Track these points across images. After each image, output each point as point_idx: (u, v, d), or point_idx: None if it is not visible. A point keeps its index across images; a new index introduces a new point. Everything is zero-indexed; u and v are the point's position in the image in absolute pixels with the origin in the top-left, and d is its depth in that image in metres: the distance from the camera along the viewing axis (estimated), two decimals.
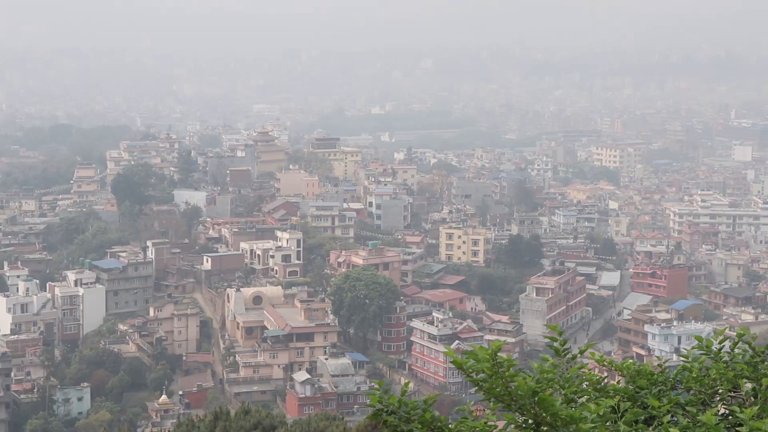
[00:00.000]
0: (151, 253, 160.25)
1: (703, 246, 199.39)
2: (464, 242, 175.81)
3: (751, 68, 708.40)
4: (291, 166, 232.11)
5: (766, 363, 9.19)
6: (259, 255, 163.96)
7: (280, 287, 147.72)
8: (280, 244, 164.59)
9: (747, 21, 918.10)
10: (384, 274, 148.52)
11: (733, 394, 9.17)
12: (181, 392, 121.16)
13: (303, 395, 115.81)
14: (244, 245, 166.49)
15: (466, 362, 8.64)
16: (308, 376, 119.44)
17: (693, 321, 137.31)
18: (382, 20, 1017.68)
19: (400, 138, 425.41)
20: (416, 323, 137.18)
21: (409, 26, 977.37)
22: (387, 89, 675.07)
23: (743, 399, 8.97)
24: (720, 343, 9.70)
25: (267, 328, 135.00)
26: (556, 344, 9.85)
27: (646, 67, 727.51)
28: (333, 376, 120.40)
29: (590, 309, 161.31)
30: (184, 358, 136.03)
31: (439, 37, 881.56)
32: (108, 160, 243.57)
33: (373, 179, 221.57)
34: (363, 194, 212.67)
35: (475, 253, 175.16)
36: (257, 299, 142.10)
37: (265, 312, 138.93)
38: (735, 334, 10.00)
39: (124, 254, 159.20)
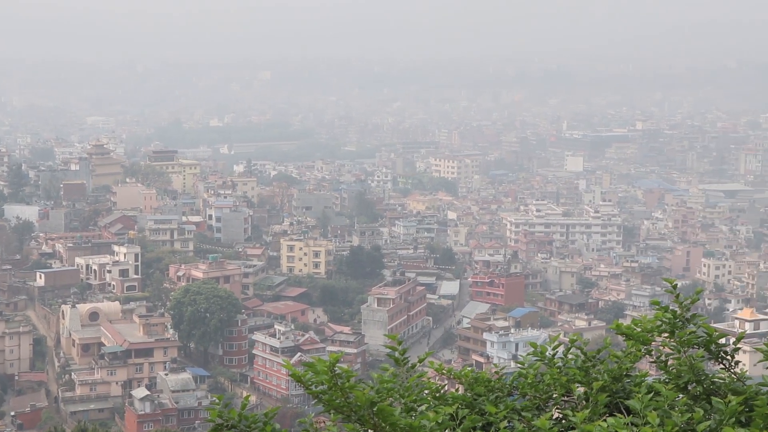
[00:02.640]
0: None
1: (539, 254, 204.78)
2: (305, 254, 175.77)
3: (581, 81, 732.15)
4: (127, 180, 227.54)
5: (597, 367, 9.45)
6: (95, 270, 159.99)
7: (117, 302, 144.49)
8: (117, 258, 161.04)
9: (576, 36, 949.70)
10: (225, 287, 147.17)
11: (566, 398, 9.40)
12: (13, 413, 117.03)
13: (142, 412, 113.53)
14: (79, 260, 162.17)
15: (305, 375, 8.61)
16: (147, 392, 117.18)
17: (530, 328, 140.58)
18: (219, 31, 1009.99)
19: (240, 150, 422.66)
20: (258, 336, 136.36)
21: (247, 38, 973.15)
22: (225, 101, 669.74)
23: (576, 403, 9.21)
24: (554, 349, 9.93)
25: (104, 345, 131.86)
26: (396, 354, 9.91)
27: (481, 80, 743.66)
28: (173, 391, 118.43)
29: (431, 318, 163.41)
30: (16, 377, 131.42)
31: (277, 49, 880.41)
32: None
33: (212, 192, 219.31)
34: (202, 207, 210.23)
35: (316, 265, 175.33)
36: (94, 315, 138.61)
37: (102, 328, 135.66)
38: (568, 339, 10.26)
39: None
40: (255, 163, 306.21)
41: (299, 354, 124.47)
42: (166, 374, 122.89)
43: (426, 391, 9.54)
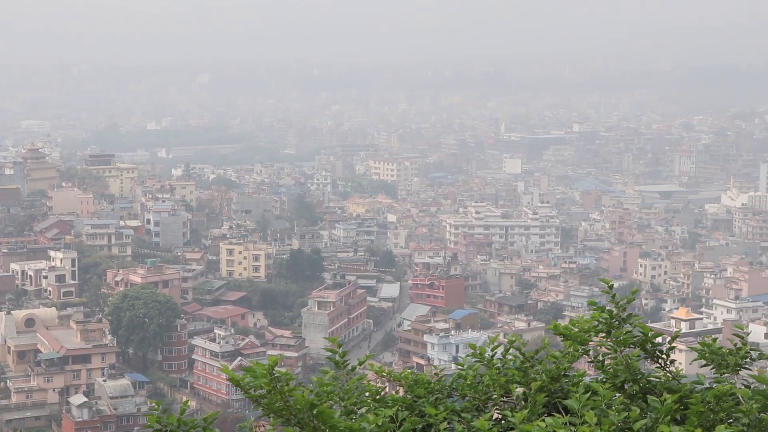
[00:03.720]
0: None
1: (478, 256, 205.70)
2: (245, 258, 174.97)
3: (519, 84, 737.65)
4: (63, 184, 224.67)
5: (535, 368, 9.53)
6: (31, 276, 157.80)
7: (54, 308, 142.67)
8: (53, 264, 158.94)
9: (513, 39, 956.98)
10: (164, 292, 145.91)
11: (505, 399, 9.46)
12: None
13: (80, 419, 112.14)
14: (14, 266, 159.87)
15: (244, 379, 8.58)
16: (85, 399, 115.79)
17: (470, 329, 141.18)
18: (156, 34, 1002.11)
19: (178, 154, 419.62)
20: (198, 341, 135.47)
21: (184, 40, 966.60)
22: (163, 104, 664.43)
23: (514, 403, 9.28)
24: (493, 350, 9.99)
25: (41, 351, 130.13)
26: (336, 357, 9.92)
27: (420, 83, 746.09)
28: (112, 397, 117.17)
29: (371, 321, 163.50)
30: None
31: (216, 52, 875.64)
32: None
33: (150, 196, 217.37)
34: (140, 211, 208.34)
35: (256, 269, 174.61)
36: (29, 322, 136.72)
37: (38, 335, 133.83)
38: (507, 340, 10.33)
39: None
40: (193, 167, 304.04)
41: (239, 358, 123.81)
42: (105, 380, 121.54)
43: (366, 394, 9.55)
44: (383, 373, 10.43)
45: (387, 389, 10.13)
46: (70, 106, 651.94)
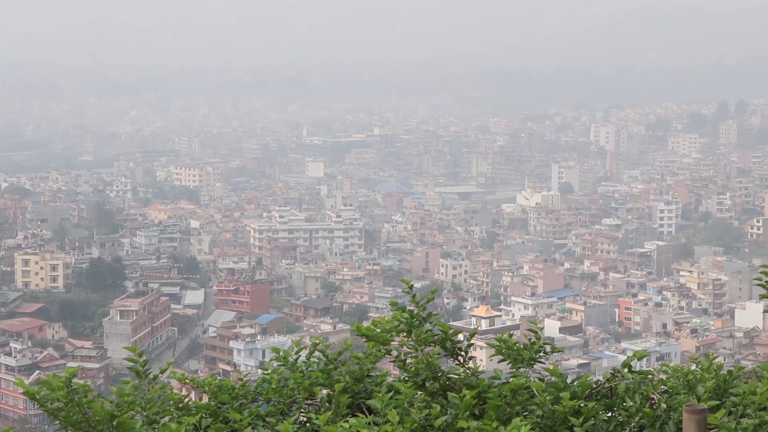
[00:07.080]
0: None
1: (283, 260, 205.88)
2: (42, 268, 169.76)
3: (320, 88, 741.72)
4: None
5: (338, 369, 9.63)
6: None
7: None
8: None
9: (314, 44, 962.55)
10: None
11: (309, 401, 9.53)
12: None
13: None
14: None
15: (40, 392, 8.33)
16: None
17: (276, 334, 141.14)
18: None
19: None
20: None
21: None
22: None
23: (319, 405, 9.36)
24: (296, 353, 10.04)
25: None
26: (137, 366, 9.75)
27: (220, 87, 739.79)
28: None
29: (176, 328, 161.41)
30: None
31: (4, 55, 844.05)
32: None
33: None
34: None
35: (54, 279, 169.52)
36: None
37: None
38: (311, 343, 10.38)
39: None
40: None
41: (37, 372, 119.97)
42: None
43: (169, 402, 9.43)
44: (186, 381, 10.32)
45: (192, 397, 10.02)
46: None
